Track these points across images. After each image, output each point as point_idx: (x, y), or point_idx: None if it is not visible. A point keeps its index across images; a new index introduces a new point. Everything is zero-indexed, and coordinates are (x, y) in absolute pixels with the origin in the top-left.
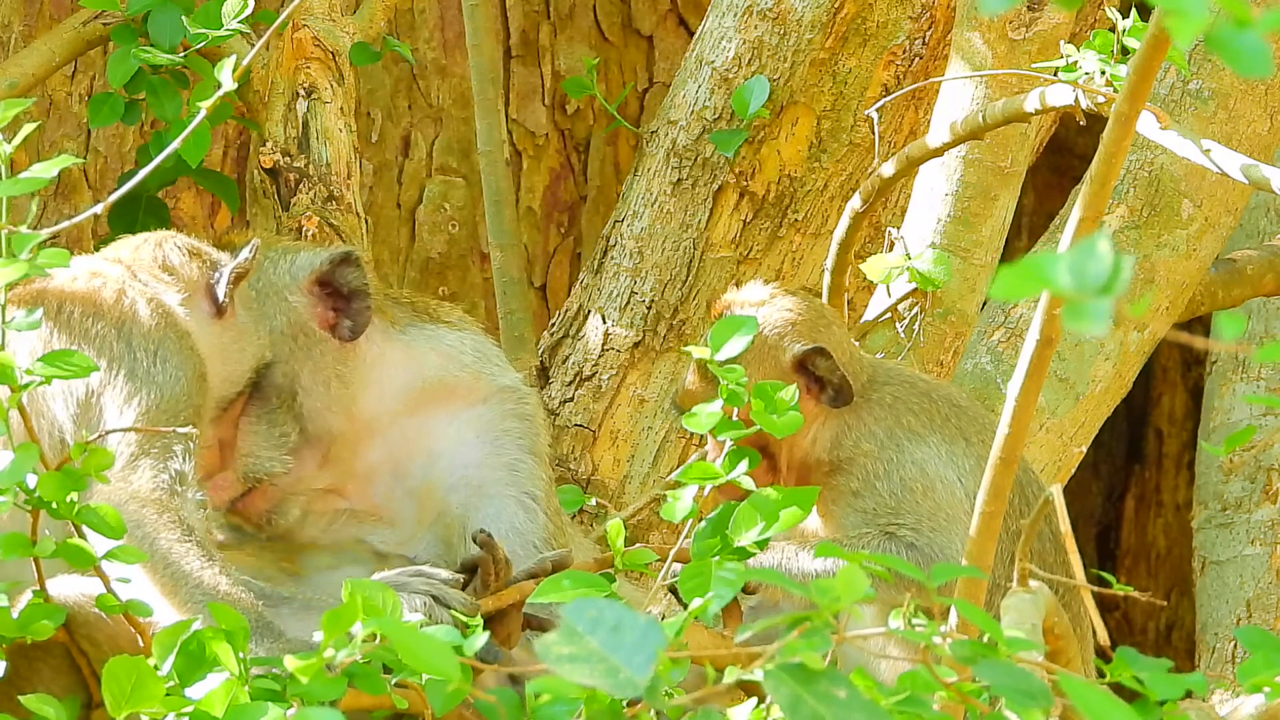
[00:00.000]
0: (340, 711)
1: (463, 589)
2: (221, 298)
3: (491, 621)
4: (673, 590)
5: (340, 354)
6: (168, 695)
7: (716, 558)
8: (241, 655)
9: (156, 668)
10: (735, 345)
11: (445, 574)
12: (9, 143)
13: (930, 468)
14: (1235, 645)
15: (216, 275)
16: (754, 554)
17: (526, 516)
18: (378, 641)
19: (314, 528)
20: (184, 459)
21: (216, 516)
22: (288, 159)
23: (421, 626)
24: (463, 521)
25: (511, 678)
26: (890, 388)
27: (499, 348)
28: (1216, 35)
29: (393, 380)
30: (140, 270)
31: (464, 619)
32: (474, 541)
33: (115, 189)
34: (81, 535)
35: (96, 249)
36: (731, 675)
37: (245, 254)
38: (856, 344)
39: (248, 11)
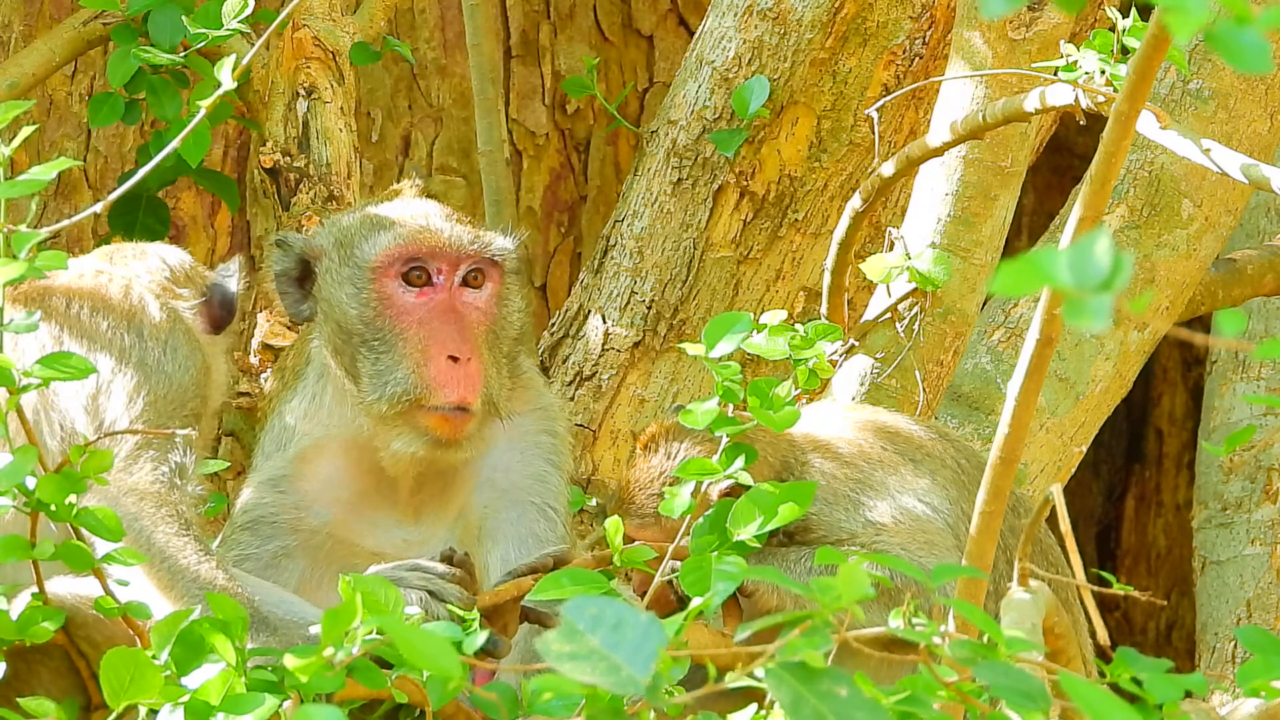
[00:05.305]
0: (337, 703)
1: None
2: (220, 315)
3: (488, 616)
4: (671, 586)
5: None
6: (165, 685)
7: (715, 553)
8: (238, 645)
9: (154, 657)
10: (728, 343)
11: (442, 568)
12: (9, 144)
13: (883, 504)
14: (1235, 645)
15: (213, 293)
16: (754, 549)
17: (546, 525)
18: (376, 636)
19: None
20: (185, 452)
21: (408, 416)
22: (288, 159)
23: (417, 620)
24: (482, 521)
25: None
26: (812, 468)
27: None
28: (1216, 32)
29: None
30: (144, 272)
31: (460, 613)
32: (451, 561)
33: (115, 189)
34: (80, 537)
35: (96, 249)
36: (732, 678)
37: (239, 277)
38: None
39: (248, 11)
